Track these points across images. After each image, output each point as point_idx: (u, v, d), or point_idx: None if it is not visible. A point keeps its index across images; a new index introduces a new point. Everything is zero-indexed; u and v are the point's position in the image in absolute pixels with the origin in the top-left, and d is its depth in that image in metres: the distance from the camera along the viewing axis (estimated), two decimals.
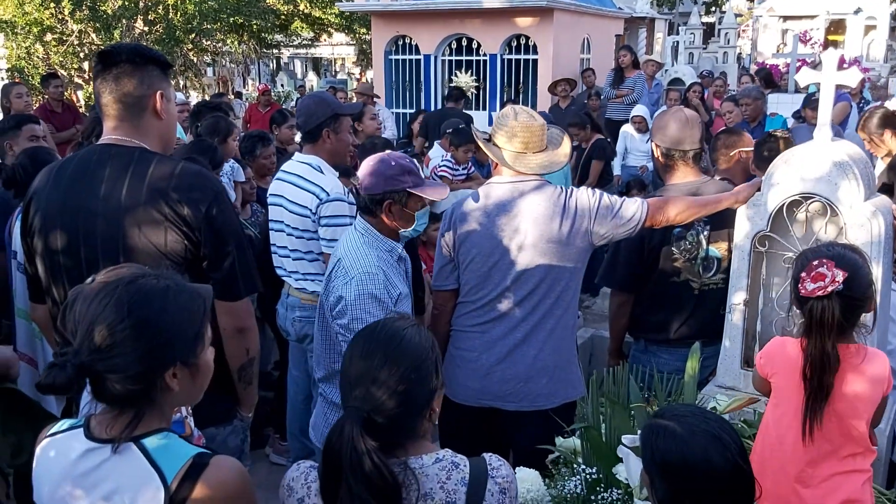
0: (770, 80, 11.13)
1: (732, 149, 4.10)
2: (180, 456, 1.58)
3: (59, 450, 1.63)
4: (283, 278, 3.90)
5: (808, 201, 3.05)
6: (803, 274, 2.30)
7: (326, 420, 2.94)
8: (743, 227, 3.20)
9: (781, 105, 10.40)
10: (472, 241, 3.03)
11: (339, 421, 1.61)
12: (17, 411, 2.48)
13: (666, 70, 14.73)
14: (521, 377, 2.99)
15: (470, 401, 3.08)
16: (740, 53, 21.07)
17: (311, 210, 3.64)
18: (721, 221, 3.37)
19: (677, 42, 18.74)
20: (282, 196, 3.79)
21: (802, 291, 2.29)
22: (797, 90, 11.19)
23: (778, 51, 17.82)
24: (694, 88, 10.38)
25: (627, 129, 9.26)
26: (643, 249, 3.44)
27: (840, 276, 2.23)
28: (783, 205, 3.08)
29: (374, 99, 10.30)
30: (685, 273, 3.49)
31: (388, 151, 3.04)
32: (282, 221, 3.80)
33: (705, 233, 3.45)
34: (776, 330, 3.19)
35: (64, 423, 1.70)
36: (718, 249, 3.49)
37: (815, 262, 2.28)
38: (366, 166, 2.85)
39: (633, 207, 3.00)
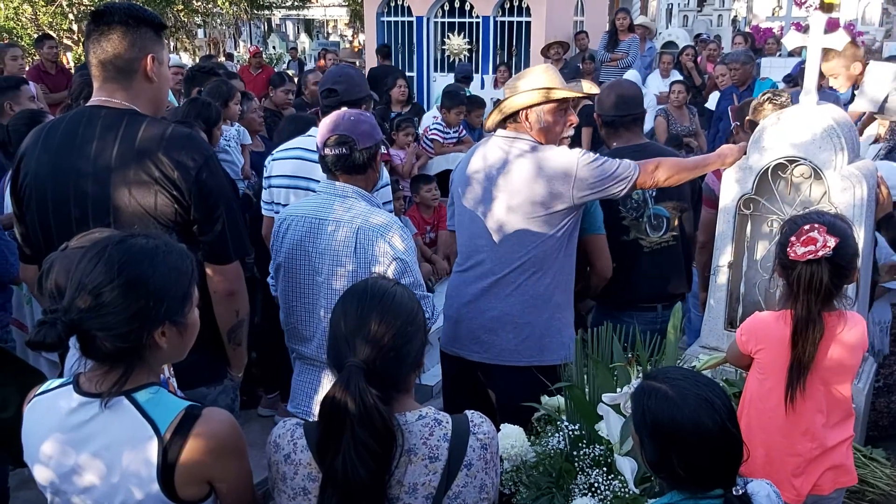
0: (752, 44, 11.05)
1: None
2: (172, 408, 1.62)
3: (48, 407, 1.66)
4: None
5: (794, 165, 3.08)
6: (793, 238, 2.30)
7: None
8: (729, 190, 3.23)
9: (774, 69, 10.38)
10: (463, 187, 3.12)
11: (343, 376, 1.64)
12: (2, 366, 2.51)
13: (659, 33, 14.64)
14: (485, 327, 3.04)
15: (445, 348, 3.19)
16: (735, 16, 20.90)
17: None
18: (666, 194, 3.50)
19: (671, 4, 18.60)
20: (308, 178, 3.44)
21: (792, 255, 2.29)
22: (790, 54, 11.16)
23: (773, 14, 17.74)
24: (687, 52, 10.32)
25: None
26: None
27: (832, 241, 2.24)
28: (769, 168, 3.11)
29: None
30: (634, 231, 3.58)
31: (343, 108, 2.95)
32: None
33: (651, 192, 3.54)
34: (759, 292, 3.24)
35: (53, 382, 1.72)
36: (665, 208, 3.59)
37: (807, 227, 2.29)
38: (349, 124, 2.72)
39: (624, 169, 3.00)
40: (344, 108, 2.94)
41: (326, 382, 2.83)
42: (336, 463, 1.60)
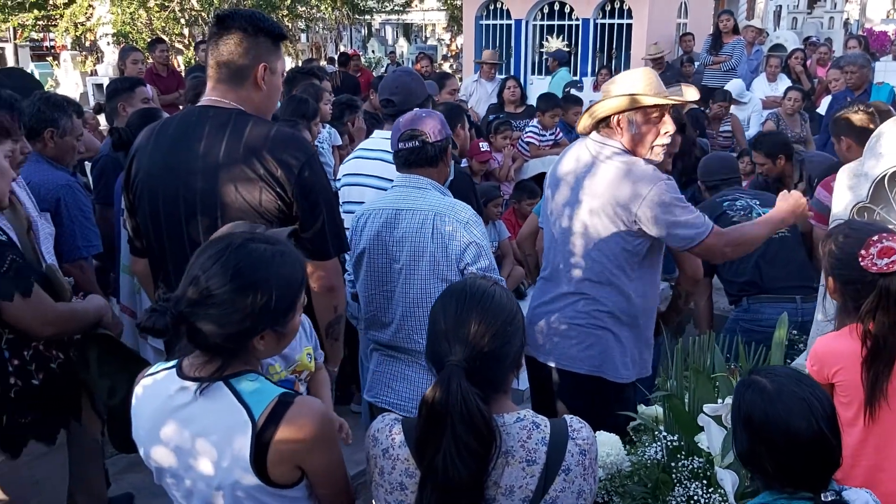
0: (866, 47, 10.57)
1: None
2: (267, 395, 1.68)
3: (154, 389, 1.75)
4: None
5: None
6: (863, 251, 2.23)
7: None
8: (841, 197, 3.09)
9: (889, 73, 9.90)
10: (552, 189, 3.14)
11: (443, 375, 1.65)
12: (112, 355, 2.64)
13: (767, 35, 14.16)
14: (553, 329, 3.03)
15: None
16: (847, 19, 20.01)
17: None
18: (769, 200, 3.73)
19: (780, 6, 17.94)
20: (364, 174, 3.70)
21: (873, 268, 2.21)
22: None
23: (888, 16, 16.92)
24: (796, 55, 9.98)
25: None
26: None
27: None
28: (885, 175, 2.96)
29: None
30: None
31: (416, 108, 3.16)
32: (363, 203, 3.56)
33: (755, 201, 3.92)
34: None
35: (160, 365, 1.81)
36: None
37: (875, 238, 2.23)
38: (421, 120, 2.87)
39: (697, 219, 2.85)
40: (416, 108, 3.13)
41: (409, 373, 2.93)
42: (436, 461, 1.61)
